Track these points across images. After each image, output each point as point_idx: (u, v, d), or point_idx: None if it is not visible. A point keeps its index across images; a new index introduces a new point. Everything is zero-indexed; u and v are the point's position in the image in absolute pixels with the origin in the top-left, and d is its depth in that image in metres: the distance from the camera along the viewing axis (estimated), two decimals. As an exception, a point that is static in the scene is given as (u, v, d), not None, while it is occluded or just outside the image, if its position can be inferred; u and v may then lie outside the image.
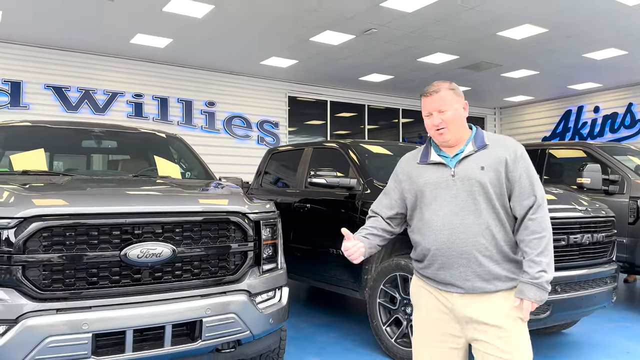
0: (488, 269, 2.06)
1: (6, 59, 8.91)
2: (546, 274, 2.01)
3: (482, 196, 2.07)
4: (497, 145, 2.14)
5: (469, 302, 2.10)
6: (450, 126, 2.14)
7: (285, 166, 6.30)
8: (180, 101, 10.60)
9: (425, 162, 2.23)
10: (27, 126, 4.27)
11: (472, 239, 2.06)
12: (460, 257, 2.08)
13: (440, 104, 2.14)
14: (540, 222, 2.05)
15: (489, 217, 2.07)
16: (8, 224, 2.46)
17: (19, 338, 2.37)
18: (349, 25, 8.21)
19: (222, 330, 2.80)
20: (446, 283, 2.13)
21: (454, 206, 2.10)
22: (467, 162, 2.12)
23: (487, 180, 2.07)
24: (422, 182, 2.20)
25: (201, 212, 2.88)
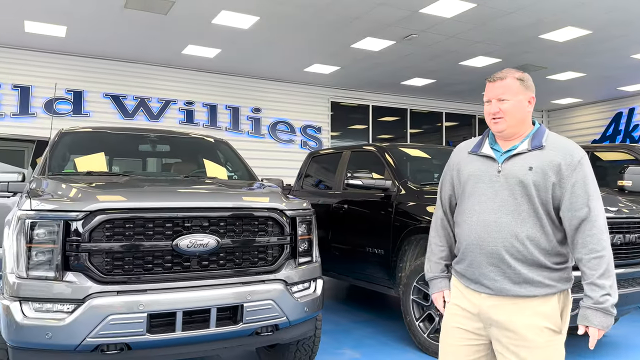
0: (519, 272, 1.93)
1: (69, 70, 9.64)
2: (611, 298, 1.85)
3: (525, 198, 1.94)
4: (554, 148, 1.97)
5: (496, 304, 1.99)
6: (508, 117, 2.00)
7: (324, 169, 6.56)
8: (228, 108, 11.08)
9: (475, 152, 2.12)
10: (89, 132, 4.73)
11: (505, 240, 1.94)
12: (490, 256, 1.97)
13: (501, 91, 2.01)
14: (599, 239, 1.88)
15: (529, 220, 1.93)
16: (77, 216, 2.83)
17: (86, 315, 2.73)
18: (389, 31, 8.41)
19: (261, 315, 3.08)
20: (475, 282, 2.04)
21: (492, 203, 1.98)
22: (517, 160, 1.99)
23: (532, 182, 1.93)
24: (467, 173, 2.10)
25: (242, 208, 3.18)
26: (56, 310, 2.75)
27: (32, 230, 2.80)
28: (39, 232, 2.81)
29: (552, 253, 1.95)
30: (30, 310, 2.74)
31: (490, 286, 1.99)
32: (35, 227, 2.81)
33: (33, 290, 2.75)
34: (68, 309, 2.74)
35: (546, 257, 1.94)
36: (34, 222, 2.81)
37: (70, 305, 2.75)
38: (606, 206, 4.21)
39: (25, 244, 2.79)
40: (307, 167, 6.88)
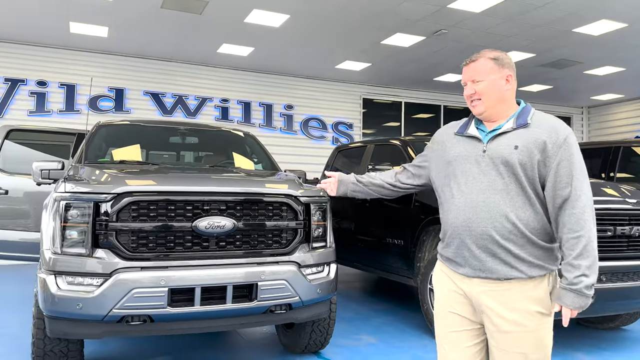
0: (510, 252, 1.90)
1: (111, 69, 10.13)
2: (586, 279, 1.81)
3: (512, 177, 1.91)
4: (540, 126, 1.94)
5: (486, 289, 1.95)
6: (485, 98, 1.99)
7: (350, 162, 6.70)
8: (262, 105, 11.36)
9: (461, 133, 2.09)
10: (124, 124, 5.04)
11: (494, 219, 1.91)
12: (479, 237, 1.94)
13: (474, 73, 2.01)
14: (578, 218, 1.83)
15: (517, 199, 1.91)
16: (106, 198, 3.08)
17: (112, 288, 2.98)
18: (418, 27, 8.45)
19: (274, 294, 3.26)
20: (464, 266, 2.00)
21: (480, 183, 1.95)
22: (502, 140, 1.96)
23: (517, 161, 1.90)
24: (453, 155, 2.07)
25: (257, 193, 3.37)
26: (86, 284, 3.01)
27: (66, 210, 3.07)
28: (72, 212, 3.08)
29: (542, 232, 1.92)
30: (64, 283, 3.01)
31: (480, 268, 1.95)
32: (69, 208, 3.08)
33: (66, 265, 3.02)
34: (97, 282, 2.99)
35: (537, 236, 1.91)
36: (69, 203, 3.08)
37: (99, 279, 3.00)
38: (621, 197, 4.18)
39: (60, 223, 3.06)
40: (334, 161, 7.03)
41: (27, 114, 9.45)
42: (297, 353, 4.14)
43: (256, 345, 4.49)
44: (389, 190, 2.42)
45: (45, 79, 9.62)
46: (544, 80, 11.93)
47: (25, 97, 9.48)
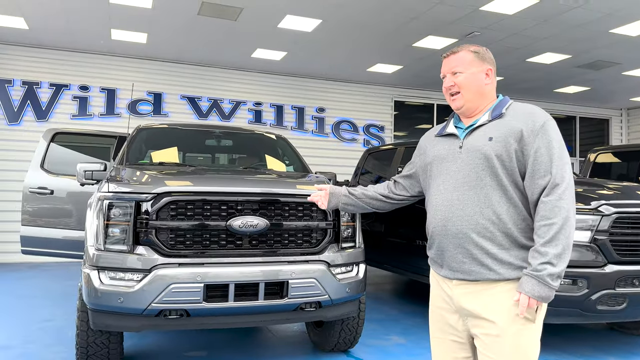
0: (488, 252, 1.79)
1: (150, 74, 10.47)
2: (551, 267, 1.68)
3: (487, 170, 1.81)
4: (515, 115, 1.85)
5: (466, 291, 1.85)
6: (464, 92, 1.92)
7: (380, 164, 6.76)
8: (294, 108, 11.52)
9: (440, 134, 2.04)
10: (162, 128, 5.25)
11: (470, 217, 1.81)
12: (455, 237, 1.84)
13: (454, 64, 1.93)
14: (553, 205, 1.72)
15: (493, 194, 1.80)
16: (146, 197, 3.26)
17: (152, 283, 3.14)
18: (450, 29, 8.43)
19: (304, 292, 3.37)
20: (444, 267, 1.92)
21: (454, 180, 1.88)
22: (477, 133, 1.88)
23: (493, 152, 1.80)
24: (432, 156, 2.02)
25: (288, 194, 3.48)
26: (127, 279, 3.18)
27: (109, 209, 3.26)
28: (114, 211, 3.26)
29: (524, 228, 1.80)
30: (106, 278, 3.20)
31: (459, 270, 1.85)
32: (112, 207, 3.27)
33: (109, 260, 3.21)
34: (137, 277, 3.16)
35: (518, 233, 1.79)
36: (111, 202, 3.27)
37: (139, 274, 3.17)
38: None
39: (103, 221, 3.25)
40: (365, 163, 7.11)
41: (70, 117, 9.87)
42: (326, 351, 4.23)
43: (287, 343, 4.60)
44: (383, 202, 2.31)
45: (87, 83, 10.02)
46: (580, 81, 11.67)
47: (68, 101, 9.90)
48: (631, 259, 3.76)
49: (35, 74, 9.70)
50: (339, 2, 7.33)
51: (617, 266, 3.70)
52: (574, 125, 14.15)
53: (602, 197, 3.92)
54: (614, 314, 3.72)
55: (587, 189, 4.20)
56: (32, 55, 9.69)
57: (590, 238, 3.71)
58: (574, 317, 3.69)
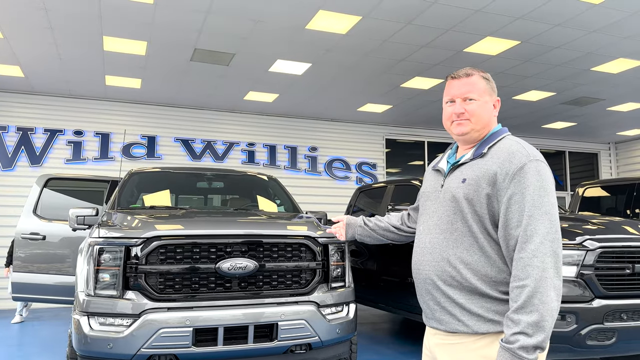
0: (455, 302, 1.65)
1: (144, 117, 10.64)
2: (525, 338, 1.46)
3: (458, 215, 1.68)
4: (494, 155, 1.68)
5: (439, 342, 1.73)
6: (474, 119, 1.75)
7: (372, 202, 6.83)
8: (287, 147, 11.67)
9: (434, 167, 1.93)
10: (154, 172, 5.32)
11: (436, 262, 1.70)
12: (424, 282, 1.75)
13: (468, 89, 1.75)
14: (525, 264, 1.52)
15: (463, 240, 1.67)
16: (136, 242, 3.30)
17: (141, 328, 3.14)
18: (436, 70, 8.68)
19: (294, 334, 3.37)
20: (422, 313, 1.83)
21: (431, 222, 1.78)
22: (456, 172, 1.76)
23: (462, 196, 1.67)
24: (422, 191, 1.94)
25: (277, 235, 3.54)
26: (117, 324, 3.19)
27: (99, 255, 3.30)
28: (105, 256, 3.30)
29: (498, 281, 1.62)
30: (96, 324, 3.20)
31: (432, 317, 1.74)
32: (102, 252, 3.30)
33: (99, 306, 3.22)
34: (127, 322, 3.17)
35: (489, 286, 1.62)
36: (102, 247, 3.31)
37: (128, 319, 3.18)
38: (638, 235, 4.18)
39: (94, 267, 3.28)
40: (356, 201, 7.18)
41: (65, 162, 9.95)
42: (319, 394, 4.17)
43: (280, 386, 4.54)
44: (395, 234, 2.17)
45: (82, 128, 10.16)
46: (567, 117, 11.93)
47: (62, 145, 10.01)
48: (618, 293, 3.80)
49: (29, 120, 9.84)
50: (327, 46, 7.57)
51: (604, 300, 3.73)
52: (563, 159, 14.36)
53: (587, 232, 3.98)
54: (604, 349, 3.72)
55: (572, 224, 4.27)
56: (27, 101, 9.85)
57: (577, 273, 3.75)
58: (565, 354, 3.70)
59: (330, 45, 7.55)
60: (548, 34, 7.07)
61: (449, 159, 1.87)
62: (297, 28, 6.90)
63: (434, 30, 6.99)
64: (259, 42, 7.43)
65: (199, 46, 7.54)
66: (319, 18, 6.59)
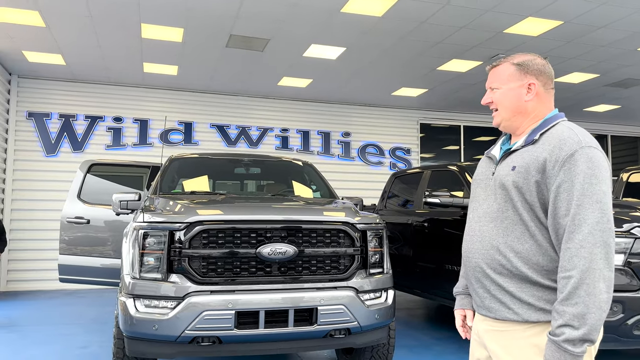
0: (505, 290, 1.63)
1: (180, 104, 10.80)
2: (571, 331, 1.43)
3: (508, 203, 1.65)
4: (547, 141, 1.63)
5: (488, 328, 1.72)
6: (500, 109, 1.76)
7: (407, 188, 6.78)
8: (320, 133, 11.67)
9: (487, 154, 1.90)
10: (193, 157, 5.41)
11: (486, 251, 1.68)
12: (474, 269, 1.73)
13: (493, 78, 1.79)
14: (572, 255, 1.48)
15: (514, 229, 1.63)
16: (179, 227, 3.37)
17: (185, 311, 3.22)
18: (474, 52, 8.48)
19: (333, 319, 3.40)
20: (473, 300, 1.81)
21: (480, 211, 1.76)
22: (507, 159, 1.72)
23: (512, 184, 1.64)
24: (473, 179, 1.90)
25: (316, 221, 3.55)
26: (161, 306, 3.28)
27: (144, 239, 3.38)
28: (149, 240, 3.38)
29: (550, 269, 1.59)
30: (142, 306, 3.30)
31: (481, 305, 1.73)
32: (147, 236, 3.39)
33: (144, 289, 3.31)
34: (171, 305, 3.25)
35: (541, 274, 1.59)
36: (146, 232, 3.39)
37: (172, 302, 3.26)
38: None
39: (139, 250, 3.37)
40: (391, 187, 7.13)
41: (105, 147, 10.22)
42: (357, 378, 4.21)
43: (317, 369, 4.60)
44: None
45: (121, 115, 10.39)
46: (610, 100, 11.50)
47: (103, 132, 10.27)
48: (667, 282, 3.67)
49: (71, 107, 10.12)
50: (362, 30, 7.48)
51: (653, 290, 3.62)
52: (605, 144, 13.88)
53: (635, 219, 3.85)
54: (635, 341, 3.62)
55: (619, 211, 4.13)
56: (69, 89, 10.13)
57: (624, 261, 3.64)
58: (611, 343, 3.61)
59: (365, 29, 7.46)
60: (592, 14, 6.80)
61: (502, 146, 1.84)
62: (333, 11, 6.84)
63: (472, 11, 6.81)
64: (293, 27, 7.41)
65: (235, 32, 7.57)
66: (354, 0, 6.51)
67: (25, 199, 9.61)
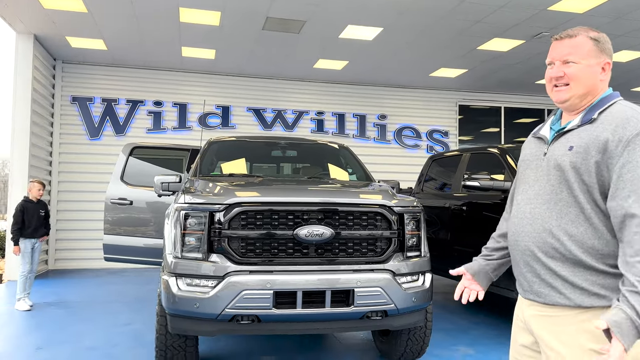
0: (557, 274, 1.59)
1: (218, 88, 10.92)
2: None
3: (563, 184, 1.60)
4: (607, 120, 1.57)
5: (536, 313, 1.67)
6: (574, 84, 1.64)
7: (445, 171, 6.67)
8: (355, 116, 11.60)
9: (535, 134, 1.82)
10: (232, 140, 5.48)
11: (537, 234, 1.63)
12: (523, 253, 1.68)
13: (568, 51, 1.65)
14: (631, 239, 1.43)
15: (568, 211, 1.58)
16: (219, 208, 3.43)
17: (225, 290, 3.29)
18: (516, 31, 8.21)
19: (370, 300, 3.41)
20: (519, 284, 1.76)
21: (531, 192, 1.70)
22: (562, 139, 1.65)
23: (569, 164, 1.58)
24: (521, 158, 1.83)
25: (353, 203, 3.55)
26: (202, 285, 3.36)
27: (185, 219, 3.46)
28: (190, 221, 3.46)
29: (606, 253, 1.54)
30: (183, 284, 3.39)
31: (529, 290, 1.68)
32: (188, 217, 3.47)
33: (186, 268, 3.40)
34: (212, 284, 3.33)
35: (596, 259, 1.55)
36: (187, 213, 3.47)
37: (213, 281, 3.34)
38: None
39: (180, 231, 3.46)
40: (428, 170, 7.04)
41: (146, 131, 10.47)
42: (393, 360, 4.24)
43: (353, 350, 4.65)
44: None
45: (161, 99, 10.60)
46: (662, 78, 10.97)
47: (143, 116, 10.51)
48: None
49: (113, 91, 10.38)
50: (400, 9, 7.34)
51: None
52: (655, 125, 13.27)
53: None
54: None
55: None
56: (110, 73, 10.38)
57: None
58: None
59: (403, 8, 7.32)
60: (645, -13, 6.46)
61: (552, 126, 1.76)
62: (370, -8, 6.74)
63: (515, -11, 6.58)
64: (330, 8, 7.34)
65: (271, 14, 7.56)
66: (392, -20, 6.39)
67: (71, 181, 9.98)
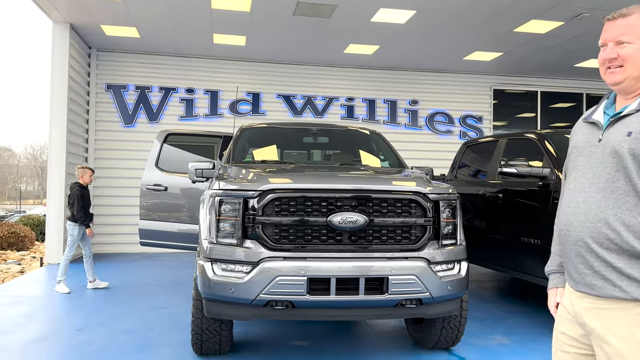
0: (612, 266, 1.53)
1: (248, 75, 10.94)
2: None
3: (621, 172, 1.53)
4: None
5: (589, 306, 1.61)
6: (628, 66, 1.57)
7: (480, 158, 6.53)
8: (386, 102, 11.46)
9: (587, 119, 1.74)
10: (263, 127, 5.48)
11: (591, 224, 1.56)
12: (575, 244, 1.61)
13: (622, 31, 1.58)
14: None
15: (626, 200, 1.51)
16: (253, 194, 3.44)
17: (259, 275, 3.31)
18: (555, 12, 7.92)
19: (404, 288, 3.37)
20: (569, 276, 1.70)
21: (584, 179, 1.62)
22: (619, 125, 1.58)
23: (627, 151, 1.51)
24: (572, 145, 1.75)
25: (387, 190, 3.50)
26: (237, 271, 3.38)
27: (220, 205, 3.48)
28: (225, 207, 3.48)
29: None
30: (219, 269, 3.42)
31: (581, 282, 1.62)
32: (223, 203, 3.49)
33: (221, 253, 3.43)
34: (246, 269, 3.35)
35: None
36: (222, 199, 3.49)
37: (248, 266, 3.36)
38: None
39: (215, 217, 3.48)
40: (462, 157, 6.91)
41: (178, 118, 10.60)
42: (427, 348, 4.20)
43: (386, 338, 4.63)
44: None
45: (193, 86, 10.69)
46: None
47: (176, 103, 10.64)
48: None
49: (146, 79, 10.52)
50: (433, -8, 7.17)
51: None
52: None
53: None
54: None
55: None
56: (144, 61, 10.52)
57: None
58: None
59: (437, -9, 7.14)
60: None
61: (606, 110, 1.68)
62: (403, -26, 6.59)
63: (555, -33, 6.33)
64: (362, -8, 7.22)
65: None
66: (426, -38, 6.23)
67: (106, 167, 10.21)
